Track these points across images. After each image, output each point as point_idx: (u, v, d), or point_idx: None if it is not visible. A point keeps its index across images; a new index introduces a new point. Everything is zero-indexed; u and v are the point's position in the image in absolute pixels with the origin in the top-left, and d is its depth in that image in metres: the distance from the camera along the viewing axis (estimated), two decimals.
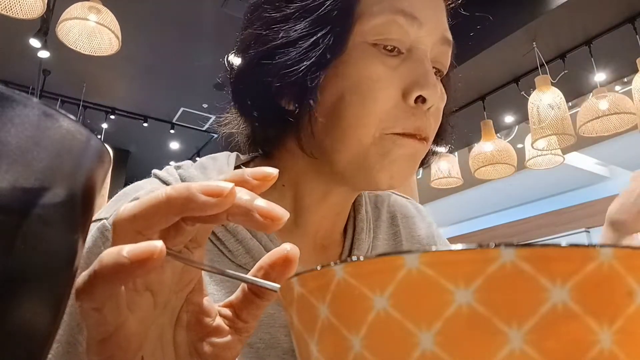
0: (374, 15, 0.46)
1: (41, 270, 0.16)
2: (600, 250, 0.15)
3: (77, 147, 0.17)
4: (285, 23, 0.47)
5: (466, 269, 0.15)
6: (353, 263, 0.17)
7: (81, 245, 0.19)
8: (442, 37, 0.49)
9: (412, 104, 0.46)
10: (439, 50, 0.50)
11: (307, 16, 0.46)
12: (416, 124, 0.47)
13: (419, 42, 0.48)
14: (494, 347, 0.15)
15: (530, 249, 0.15)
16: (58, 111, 0.16)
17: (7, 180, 0.14)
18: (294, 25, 0.47)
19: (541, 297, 0.15)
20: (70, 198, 0.17)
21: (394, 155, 0.47)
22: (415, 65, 0.47)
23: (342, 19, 0.46)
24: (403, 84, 0.46)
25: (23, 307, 0.15)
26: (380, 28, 0.46)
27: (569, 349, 0.15)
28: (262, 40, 0.48)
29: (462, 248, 0.15)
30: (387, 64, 0.46)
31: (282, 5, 0.48)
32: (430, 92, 0.46)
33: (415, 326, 0.16)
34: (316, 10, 0.46)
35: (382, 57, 0.46)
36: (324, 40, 0.45)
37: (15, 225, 0.15)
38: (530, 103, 3.08)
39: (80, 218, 0.18)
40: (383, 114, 0.46)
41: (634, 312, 0.15)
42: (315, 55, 0.45)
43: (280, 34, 0.47)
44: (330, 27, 0.46)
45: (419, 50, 0.48)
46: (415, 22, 0.46)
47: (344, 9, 0.46)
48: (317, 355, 0.19)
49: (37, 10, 2.35)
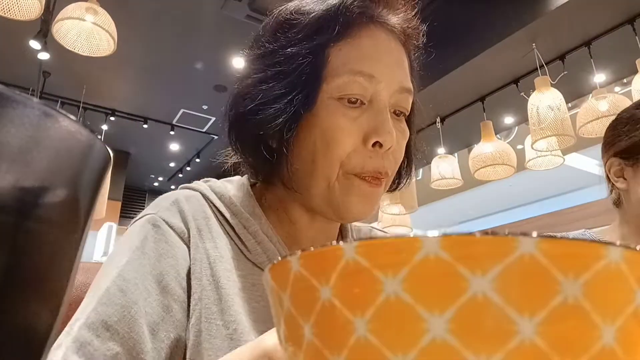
0: (337, 76, 0.55)
1: (41, 270, 0.16)
2: (610, 248, 0.15)
3: (78, 147, 0.17)
4: (267, 84, 0.57)
5: (485, 257, 0.15)
6: (366, 242, 0.16)
7: (81, 245, 0.19)
8: (399, 87, 0.58)
9: (371, 148, 0.55)
10: (398, 98, 0.58)
11: (282, 79, 0.56)
12: (374, 165, 0.55)
13: (377, 94, 0.56)
14: (506, 337, 0.15)
15: (552, 241, 0.15)
16: (58, 111, 0.16)
17: (7, 180, 0.14)
18: (272, 86, 0.56)
19: (554, 289, 0.15)
20: (70, 198, 0.17)
21: (353, 193, 0.56)
22: (374, 115, 0.55)
23: (311, 81, 0.55)
24: (363, 131, 0.55)
25: (23, 307, 0.15)
26: (343, 86, 0.55)
27: (575, 343, 0.15)
28: (249, 97, 0.58)
29: (483, 235, 0.15)
30: (349, 115, 0.55)
31: (263, 69, 0.58)
32: (386, 138, 0.54)
33: (427, 312, 0.15)
34: (290, 75, 0.56)
35: (345, 109, 0.55)
36: (296, 99, 0.55)
37: (15, 225, 0.15)
38: (530, 104, 3.08)
39: (80, 218, 0.18)
40: (345, 156, 0.55)
41: (634, 312, 0.15)
42: (290, 112, 0.55)
43: (260, 94, 0.57)
44: (301, 89, 0.55)
45: (378, 102, 0.56)
46: (373, 80, 0.55)
47: (313, 73, 0.55)
48: (311, 338, 0.18)
49: (35, 11, 2.35)
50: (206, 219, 0.59)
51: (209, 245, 0.57)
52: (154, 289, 0.52)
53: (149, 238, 0.55)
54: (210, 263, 0.56)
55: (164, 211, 0.58)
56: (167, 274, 0.53)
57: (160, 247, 0.55)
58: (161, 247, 0.55)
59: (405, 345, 0.15)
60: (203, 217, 0.59)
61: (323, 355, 0.17)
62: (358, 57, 0.56)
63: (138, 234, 0.55)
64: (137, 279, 0.51)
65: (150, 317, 0.50)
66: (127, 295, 0.50)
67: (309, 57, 0.55)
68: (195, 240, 0.56)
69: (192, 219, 0.58)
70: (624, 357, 0.15)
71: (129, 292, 0.50)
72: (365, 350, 0.16)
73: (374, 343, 0.16)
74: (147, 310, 0.50)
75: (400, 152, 0.59)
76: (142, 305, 0.50)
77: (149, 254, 0.54)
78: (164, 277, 0.53)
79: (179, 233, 0.56)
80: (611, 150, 1.01)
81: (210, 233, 0.58)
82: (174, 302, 0.52)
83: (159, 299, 0.52)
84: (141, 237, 0.55)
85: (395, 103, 0.58)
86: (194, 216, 0.58)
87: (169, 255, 0.54)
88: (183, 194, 0.61)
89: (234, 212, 0.60)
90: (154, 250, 0.54)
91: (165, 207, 0.58)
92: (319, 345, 0.18)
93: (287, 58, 0.56)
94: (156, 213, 0.57)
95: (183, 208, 0.58)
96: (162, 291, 0.52)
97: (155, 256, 0.54)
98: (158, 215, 0.57)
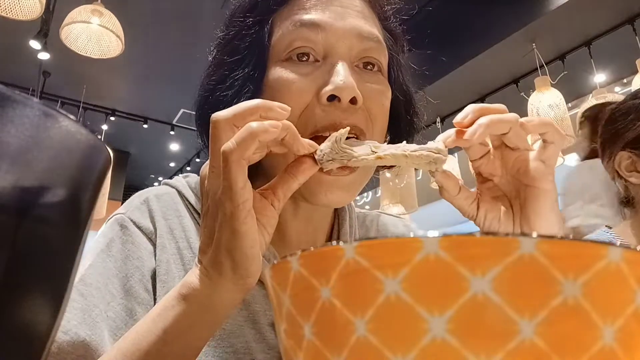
0: (280, 36, 0.52)
1: (41, 270, 0.16)
2: (609, 248, 0.15)
3: (78, 148, 0.17)
4: (220, 67, 0.55)
5: (485, 257, 0.15)
6: (366, 242, 0.16)
7: (81, 245, 0.19)
8: (357, 35, 0.52)
9: (326, 103, 0.49)
10: (361, 48, 0.52)
11: (232, 57, 0.54)
12: (330, 118, 0.49)
13: (330, 46, 0.51)
14: (506, 337, 0.15)
15: (551, 242, 0.15)
16: (58, 111, 0.16)
17: (7, 180, 0.14)
18: (224, 67, 0.54)
19: (554, 290, 0.15)
20: (70, 198, 0.17)
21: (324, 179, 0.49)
22: (327, 68, 0.50)
23: (257, 51, 0.53)
24: (315, 87, 0.50)
25: (23, 307, 0.15)
26: (286, 43, 0.51)
27: (575, 343, 0.15)
28: (206, 84, 0.57)
29: (483, 235, 0.15)
30: (299, 72, 0.50)
31: (216, 55, 0.57)
32: (341, 89, 0.48)
33: (427, 312, 0.15)
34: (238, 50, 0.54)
35: (294, 66, 0.51)
36: (245, 72, 0.52)
37: (15, 225, 0.15)
38: (530, 104, 3.08)
39: (80, 218, 0.18)
40: (301, 116, 0.49)
41: (634, 312, 0.15)
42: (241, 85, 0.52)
43: (214, 77, 0.55)
44: (248, 61, 0.53)
45: (332, 55, 0.51)
46: (318, 29, 0.51)
47: (258, 42, 0.53)
48: (310, 338, 0.18)
49: (35, 11, 2.36)
50: (179, 217, 0.57)
51: (183, 245, 0.55)
52: (118, 292, 0.50)
53: (116, 240, 0.53)
54: (184, 264, 0.54)
55: (133, 210, 0.56)
56: (132, 277, 0.52)
57: (126, 248, 0.53)
58: (127, 249, 0.53)
59: (406, 345, 0.15)
60: (176, 215, 0.57)
61: (323, 355, 0.17)
62: (300, 9, 0.52)
63: (105, 235, 0.54)
64: (100, 282, 0.50)
65: (113, 321, 0.49)
66: (88, 299, 0.48)
67: (253, 28, 0.54)
68: (162, 241, 0.54)
69: (161, 218, 0.56)
70: (624, 357, 0.15)
71: (90, 296, 0.48)
72: (365, 350, 0.16)
73: (374, 343, 0.16)
74: (109, 314, 0.49)
75: (379, 109, 0.52)
76: (103, 309, 0.49)
77: (115, 256, 0.52)
78: (129, 280, 0.51)
79: (146, 234, 0.54)
80: (617, 144, 0.96)
81: (184, 232, 0.56)
82: (138, 305, 0.51)
83: (123, 302, 0.50)
84: (108, 238, 0.53)
85: (359, 55, 0.52)
86: (164, 215, 0.56)
87: (135, 256, 0.53)
88: (155, 192, 0.59)
89: None
90: (120, 252, 0.53)
91: (135, 206, 0.56)
92: (319, 345, 0.18)
93: (234, 37, 0.55)
94: (125, 213, 0.56)
95: (152, 207, 0.56)
96: (126, 294, 0.51)
97: (121, 258, 0.52)
98: (127, 215, 0.55)
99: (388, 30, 0.58)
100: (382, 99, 0.53)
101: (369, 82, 0.52)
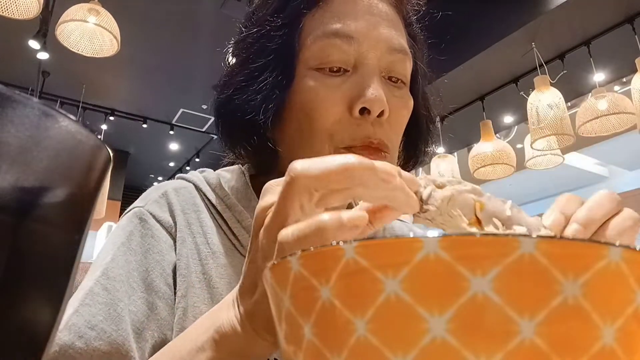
0: (313, 43, 0.51)
1: (41, 270, 0.16)
2: (609, 248, 0.15)
3: (77, 147, 0.17)
4: (244, 67, 0.54)
5: (485, 257, 0.15)
6: (366, 242, 0.16)
7: (81, 245, 0.19)
8: (388, 47, 0.52)
9: (357, 116, 0.50)
10: (389, 60, 0.53)
11: (258, 58, 0.53)
12: (363, 133, 0.50)
13: (362, 57, 0.51)
14: (506, 337, 0.15)
15: (551, 242, 0.15)
16: (58, 111, 0.16)
17: (7, 180, 0.14)
18: (249, 68, 0.54)
19: (554, 290, 0.15)
20: (70, 198, 0.17)
21: None
22: (358, 80, 0.50)
23: (285, 55, 0.52)
24: (347, 99, 0.50)
25: (23, 307, 0.15)
26: (319, 53, 0.51)
27: (575, 343, 0.15)
28: (230, 84, 0.56)
29: (483, 235, 0.15)
30: (330, 84, 0.51)
31: (241, 54, 0.56)
32: (372, 102, 0.49)
33: (427, 312, 0.15)
34: (265, 52, 0.53)
35: (325, 78, 0.51)
36: (272, 76, 0.51)
37: (15, 225, 0.15)
38: (530, 103, 3.08)
39: (80, 218, 0.18)
40: (331, 129, 0.50)
41: (634, 312, 0.15)
42: (268, 90, 0.51)
43: (239, 78, 0.54)
44: (276, 64, 0.52)
45: (363, 66, 0.51)
46: (352, 41, 0.50)
47: (287, 46, 0.52)
48: (311, 338, 0.18)
49: (33, 10, 2.35)
50: (197, 212, 0.57)
51: (200, 240, 0.55)
52: (139, 286, 0.50)
53: (136, 233, 0.53)
54: (201, 260, 0.53)
55: (151, 204, 0.56)
56: (152, 271, 0.51)
57: (146, 242, 0.53)
58: (147, 242, 0.53)
59: (406, 345, 0.15)
60: (194, 210, 0.57)
61: (323, 355, 0.17)
62: (332, 17, 0.51)
63: (124, 228, 0.53)
64: (122, 276, 0.49)
65: (135, 315, 0.48)
66: (112, 294, 0.48)
67: (282, 30, 0.52)
68: (182, 235, 0.54)
69: (180, 212, 0.56)
70: (624, 357, 0.15)
71: (114, 290, 0.48)
72: (365, 350, 0.16)
73: (374, 343, 0.16)
74: (131, 308, 0.49)
75: (401, 122, 0.54)
76: (126, 303, 0.48)
77: (135, 250, 0.52)
78: (149, 274, 0.51)
79: (166, 227, 0.54)
80: None
81: (201, 227, 0.56)
82: (159, 299, 0.50)
83: (144, 296, 0.50)
84: (127, 232, 0.53)
85: (387, 67, 0.53)
86: (183, 209, 0.56)
87: (155, 250, 0.52)
88: (173, 185, 0.59)
89: (227, 204, 0.57)
90: (140, 245, 0.52)
91: (154, 200, 0.56)
92: (319, 345, 0.18)
93: (261, 36, 0.54)
94: (144, 206, 0.55)
95: (171, 201, 0.56)
96: (147, 288, 0.50)
97: (141, 252, 0.52)
98: (146, 208, 0.55)
99: (412, 36, 0.59)
100: (404, 112, 0.54)
101: (394, 95, 0.53)
